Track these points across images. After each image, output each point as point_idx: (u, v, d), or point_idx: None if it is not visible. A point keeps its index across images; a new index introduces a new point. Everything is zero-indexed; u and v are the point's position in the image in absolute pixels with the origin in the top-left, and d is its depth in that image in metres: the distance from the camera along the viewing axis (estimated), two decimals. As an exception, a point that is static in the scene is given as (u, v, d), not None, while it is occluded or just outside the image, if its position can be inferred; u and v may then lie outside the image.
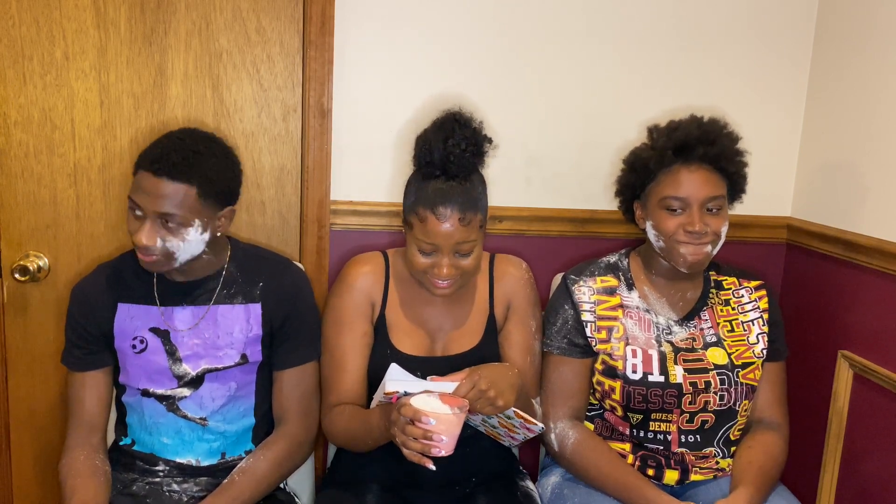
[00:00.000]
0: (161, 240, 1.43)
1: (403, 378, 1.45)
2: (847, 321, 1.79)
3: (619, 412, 1.64)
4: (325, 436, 1.64)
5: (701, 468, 1.63)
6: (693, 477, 1.62)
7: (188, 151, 1.42)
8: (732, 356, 1.64)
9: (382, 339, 1.61)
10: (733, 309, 1.69)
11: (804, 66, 1.97)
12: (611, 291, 1.68)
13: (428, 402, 1.34)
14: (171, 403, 1.56)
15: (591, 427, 1.69)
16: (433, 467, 1.34)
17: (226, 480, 1.52)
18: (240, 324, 1.57)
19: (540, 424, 1.44)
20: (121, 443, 1.63)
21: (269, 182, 1.90)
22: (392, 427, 1.37)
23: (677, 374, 1.60)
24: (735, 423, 1.64)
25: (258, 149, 1.88)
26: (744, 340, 1.65)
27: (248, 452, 1.60)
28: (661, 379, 1.59)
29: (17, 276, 1.81)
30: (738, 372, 1.62)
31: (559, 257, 1.96)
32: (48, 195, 1.83)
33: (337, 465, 1.71)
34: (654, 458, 1.63)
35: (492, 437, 1.59)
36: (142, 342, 1.55)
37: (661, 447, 1.63)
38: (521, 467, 1.76)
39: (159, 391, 1.56)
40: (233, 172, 1.51)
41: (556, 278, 1.83)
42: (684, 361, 1.62)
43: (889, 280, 1.67)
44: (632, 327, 1.65)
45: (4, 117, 1.78)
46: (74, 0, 1.76)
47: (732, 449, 1.65)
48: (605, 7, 1.89)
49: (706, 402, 1.60)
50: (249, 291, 1.59)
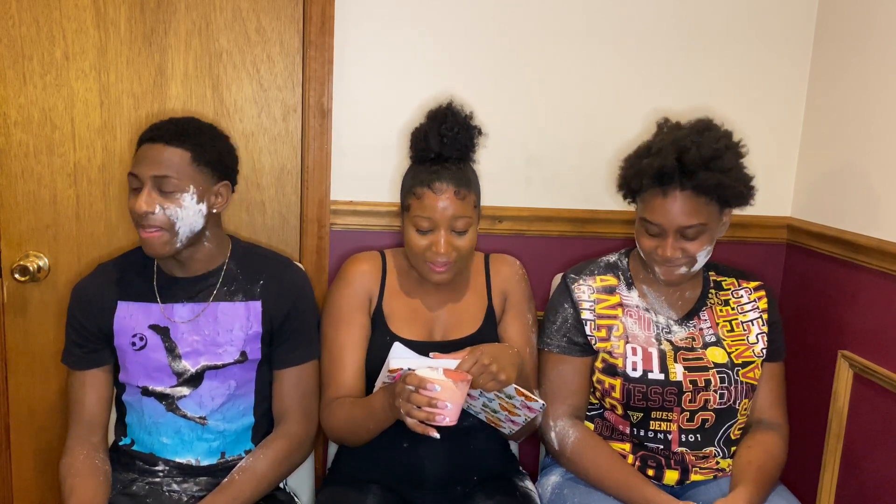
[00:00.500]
0: (160, 206, 1.46)
1: (407, 356, 1.47)
2: (847, 321, 1.79)
3: (619, 411, 1.64)
4: (324, 431, 1.64)
5: (701, 468, 1.63)
6: (693, 477, 1.62)
7: (184, 122, 1.53)
8: (732, 355, 1.64)
9: (381, 328, 1.63)
10: (733, 309, 1.69)
11: (804, 67, 1.97)
12: (610, 290, 1.68)
13: (432, 375, 1.37)
14: (170, 403, 1.56)
15: (592, 427, 1.69)
16: (437, 435, 1.36)
17: (225, 479, 1.52)
18: (240, 321, 1.57)
19: (541, 401, 1.44)
20: (120, 443, 1.63)
21: (269, 182, 1.90)
22: (396, 399, 1.39)
23: (677, 371, 1.60)
24: (735, 422, 1.64)
25: (258, 149, 1.88)
26: (743, 340, 1.65)
27: (248, 452, 1.60)
28: (661, 377, 1.60)
29: (17, 276, 1.81)
30: (738, 371, 1.62)
31: (559, 257, 1.96)
32: (48, 195, 1.83)
33: (337, 465, 1.71)
34: (654, 458, 1.63)
35: (493, 426, 1.59)
36: (141, 339, 1.55)
37: (662, 447, 1.63)
38: (520, 467, 1.76)
39: (158, 389, 1.56)
40: (226, 146, 1.57)
41: (556, 278, 1.83)
42: (684, 360, 1.62)
43: (889, 280, 1.67)
44: (631, 326, 1.65)
45: (4, 117, 1.79)
46: (74, 0, 1.76)
47: (732, 449, 1.65)
48: (605, 7, 1.89)
49: (706, 401, 1.60)
50: (250, 289, 1.59)
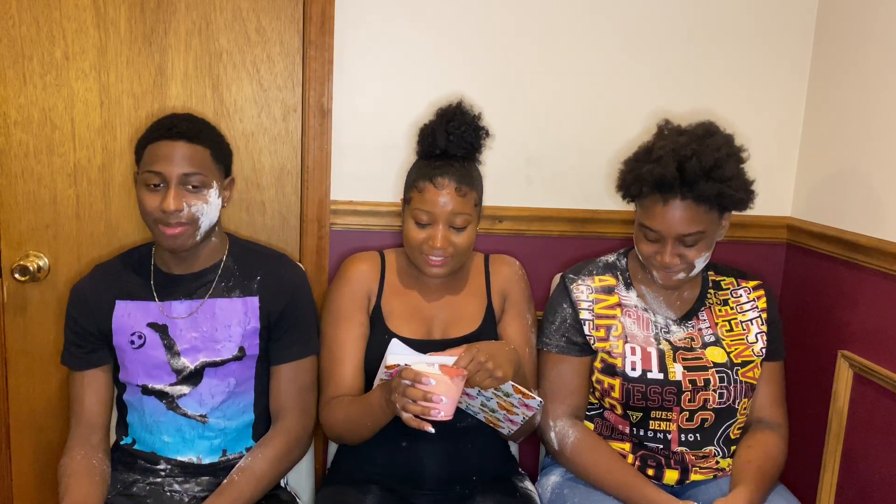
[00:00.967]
0: (187, 204, 1.48)
1: (404, 352, 1.47)
2: (847, 321, 1.79)
3: (618, 410, 1.64)
4: (323, 429, 1.64)
5: (701, 468, 1.63)
6: (693, 477, 1.62)
7: (194, 119, 1.55)
8: (731, 355, 1.64)
9: (380, 326, 1.63)
10: (732, 308, 1.69)
11: (804, 67, 1.97)
12: (609, 290, 1.68)
13: (427, 370, 1.37)
14: (170, 402, 1.57)
15: (591, 426, 1.69)
16: (432, 430, 1.37)
17: (225, 481, 1.52)
18: (237, 317, 1.57)
19: (538, 398, 1.44)
20: (122, 442, 1.63)
21: (269, 182, 1.90)
22: (392, 394, 1.40)
23: (676, 371, 1.60)
24: (735, 421, 1.64)
25: (258, 149, 1.88)
26: (743, 340, 1.65)
27: (249, 449, 1.60)
28: (661, 376, 1.60)
29: (17, 276, 1.81)
30: (737, 370, 1.62)
31: (559, 257, 1.96)
32: (48, 195, 1.83)
33: (337, 465, 1.71)
34: (653, 458, 1.63)
35: (492, 426, 1.59)
36: (140, 337, 1.56)
37: (661, 446, 1.62)
38: (520, 468, 1.76)
39: (158, 387, 1.56)
40: (228, 144, 1.61)
41: (556, 278, 1.83)
42: (683, 359, 1.62)
43: (889, 280, 1.66)
44: (630, 325, 1.65)
45: (4, 117, 1.79)
46: (74, 0, 1.76)
47: (732, 448, 1.65)
48: (605, 7, 1.89)
49: (705, 400, 1.60)
50: (247, 285, 1.59)
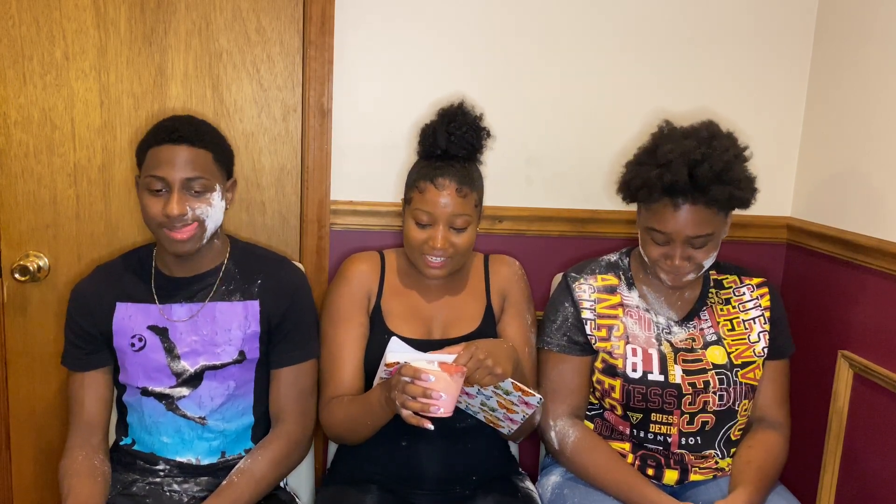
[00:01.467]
0: (191, 208, 1.47)
1: (403, 350, 1.47)
2: (847, 321, 1.79)
3: (618, 411, 1.64)
4: (323, 429, 1.64)
5: (700, 468, 1.63)
6: (693, 477, 1.62)
7: (195, 122, 1.53)
8: (732, 355, 1.63)
9: (380, 326, 1.63)
10: (734, 307, 1.69)
11: (804, 67, 1.97)
12: (611, 290, 1.68)
13: (427, 366, 1.38)
14: (170, 402, 1.56)
15: (591, 426, 1.69)
16: (431, 426, 1.37)
17: (224, 482, 1.52)
18: (238, 320, 1.57)
19: (538, 395, 1.44)
20: (121, 443, 1.63)
21: (269, 182, 1.90)
22: (392, 391, 1.40)
23: (676, 374, 1.60)
24: (735, 423, 1.64)
25: (258, 149, 1.88)
26: (744, 339, 1.65)
27: (248, 451, 1.60)
28: (661, 378, 1.59)
29: (17, 276, 1.81)
30: (737, 372, 1.62)
31: (559, 257, 1.96)
32: (48, 195, 1.83)
33: (337, 465, 1.71)
34: (653, 458, 1.63)
35: (492, 426, 1.59)
36: (140, 340, 1.55)
37: (661, 447, 1.62)
38: (520, 468, 1.76)
39: (158, 389, 1.56)
40: (229, 145, 1.60)
41: (557, 278, 1.83)
42: (683, 362, 1.62)
43: (889, 280, 1.66)
44: (632, 326, 1.65)
45: (4, 117, 1.79)
46: (74, 0, 1.76)
47: (732, 450, 1.64)
48: (605, 7, 1.89)
49: (705, 403, 1.60)
50: (248, 289, 1.59)
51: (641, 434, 1.63)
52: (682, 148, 1.50)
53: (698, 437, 1.62)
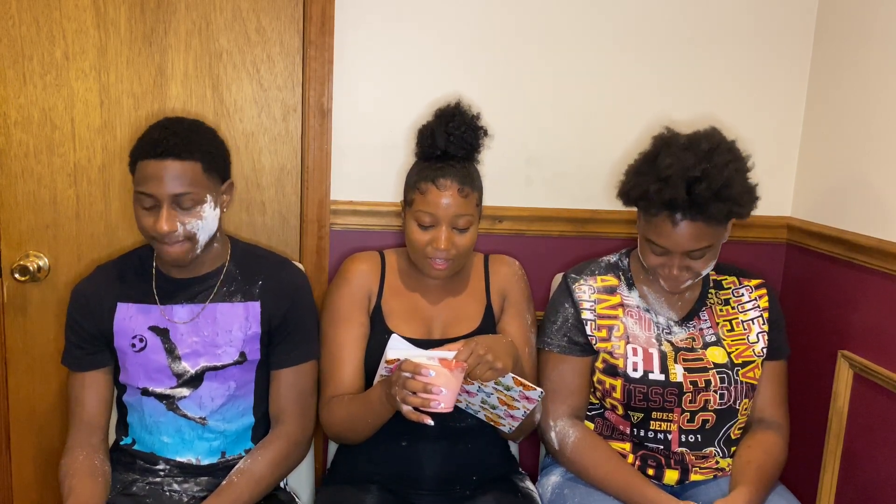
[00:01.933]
0: (181, 224, 1.45)
1: (404, 347, 1.47)
2: (847, 321, 1.79)
3: (619, 411, 1.64)
4: (323, 429, 1.64)
5: (701, 468, 1.63)
6: (693, 477, 1.62)
7: (183, 130, 1.47)
8: (732, 355, 1.64)
9: (380, 326, 1.63)
10: (733, 308, 1.69)
11: (804, 67, 1.97)
12: (611, 290, 1.68)
13: (428, 363, 1.38)
14: (170, 403, 1.56)
15: (592, 426, 1.69)
16: (431, 422, 1.37)
17: (224, 482, 1.52)
18: (238, 322, 1.57)
19: (539, 389, 1.44)
20: (121, 442, 1.63)
21: (269, 182, 1.90)
22: (392, 387, 1.40)
23: (677, 372, 1.60)
24: (735, 421, 1.64)
25: (258, 149, 1.88)
26: (743, 340, 1.66)
27: (248, 451, 1.60)
28: (662, 377, 1.60)
29: (17, 276, 1.81)
30: (737, 371, 1.62)
31: (559, 257, 1.96)
32: (48, 195, 1.83)
33: (337, 465, 1.71)
34: (654, 458, 1.63)
35: (493, 425, 1.59)
36: (141, 341, 1.55)
37: (662, 447, 1.63)
38: (520, 468, 1.76)
39: (158, 390, 1.56)
40: (224, 146, 1.57)
41: (557, 278, 1.83)
42: (684, 361, 1.62)
43: (889, 280, 1.67)
44: (632, 326, 1.65)
45: (4, 117, 1.79)
46: (74, 0, 1.76)
47: (732, 449, 1.65)
48: (605, 7, 1.89)
49: (706, 401, 1.60)
50: (249, 290, 1.59)
51: (642, 433, 1.63)
52: (681, 163, 1.48)
53: (698, 435, 1.63)
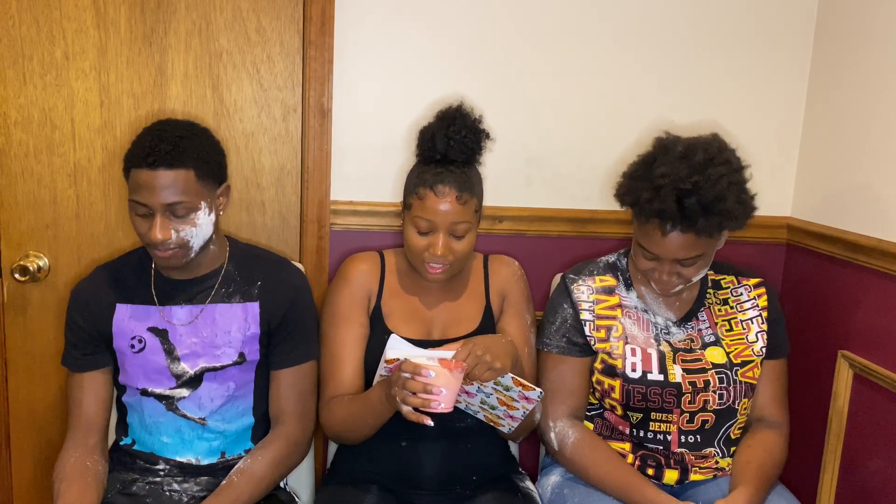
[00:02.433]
0: (175, 231, 1.45)
1: (403, 347, 1.48)
2: (847, 321, 1.79)
3: (618, 411, 1.64)
4: (323, 429, 1.64)
5: (700, 468, 1.63)
6: (693, 476, 1.62)
7: (175, 138, 1.45)
8: (731, 355, 1.64)
9: (380, 327, 1.63)
10: (731, 308, 1.69)
11: (804, 67, 1.97)
12: (610, 291, 1.68)
13: (427, 362, 1.38)
14: (170, 403, 1.57)
15: (591, 426, 1.69)
16: (431, 423, 1.37)
17: (224, 482, 1.52)
18: (237, 322, 1.57)
19: (538, 389, 1.44)
20: (121, 443, 1.63)
21: (269, 182, 1.90)
22: (392, 388, 1.40)
23: (676, 373, 1.60)
24: (735, 421, 1.64)
25: (258, 149, 1.88)
26: (742, 339, 1.65)
27: (248, 451, 1.60)
28: (661, 378, 1.60)
29: (17, 276, 1.81)
30: (736, 371, 1.62)
31: (559, 257, 1.96)
32: (48, 195, 1.83)
33: (337, 465, 1.71)
34: (653, 458, 1.63)
35: (492, 426, 1.59)
36: (140, 342, 1.55)
37: (661, 447, 1.63)
38: (520, 468, 1.76)
39: (158, 390, 1.56)
40: (219, 149, 1.55)
41: (556, 278, 1.83)
42: (683, 361, 1.62)
43: (889, 280, 1.66)
44: (630, 326, 1.65)
45: (4, 117, 1.79)
46: (74, 0, 1.76)
47: (732, 449, 1.65)
48: (605, 8, 1.89)
49: (705, 402, 1.60)
50: (248, 290, 1.59)
51: (641, 434, 1.63)
52: (674, 174, 1.46)
53: (698, 436, 1.62)
